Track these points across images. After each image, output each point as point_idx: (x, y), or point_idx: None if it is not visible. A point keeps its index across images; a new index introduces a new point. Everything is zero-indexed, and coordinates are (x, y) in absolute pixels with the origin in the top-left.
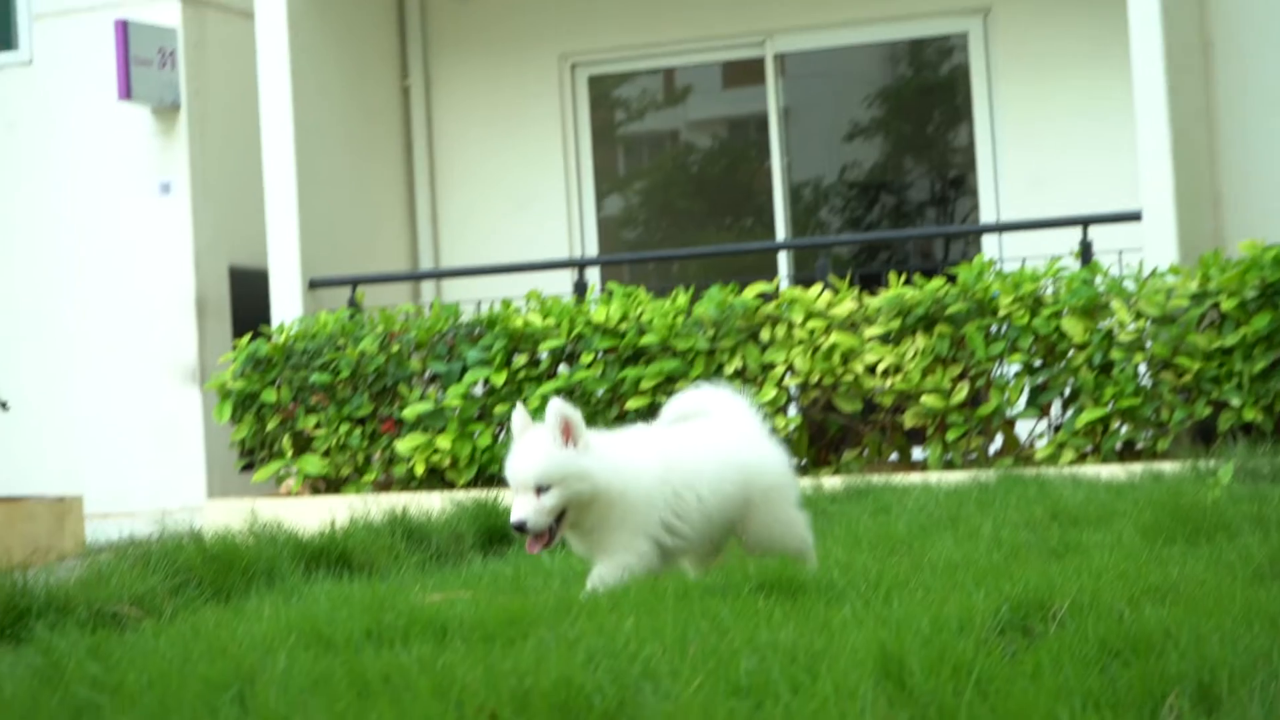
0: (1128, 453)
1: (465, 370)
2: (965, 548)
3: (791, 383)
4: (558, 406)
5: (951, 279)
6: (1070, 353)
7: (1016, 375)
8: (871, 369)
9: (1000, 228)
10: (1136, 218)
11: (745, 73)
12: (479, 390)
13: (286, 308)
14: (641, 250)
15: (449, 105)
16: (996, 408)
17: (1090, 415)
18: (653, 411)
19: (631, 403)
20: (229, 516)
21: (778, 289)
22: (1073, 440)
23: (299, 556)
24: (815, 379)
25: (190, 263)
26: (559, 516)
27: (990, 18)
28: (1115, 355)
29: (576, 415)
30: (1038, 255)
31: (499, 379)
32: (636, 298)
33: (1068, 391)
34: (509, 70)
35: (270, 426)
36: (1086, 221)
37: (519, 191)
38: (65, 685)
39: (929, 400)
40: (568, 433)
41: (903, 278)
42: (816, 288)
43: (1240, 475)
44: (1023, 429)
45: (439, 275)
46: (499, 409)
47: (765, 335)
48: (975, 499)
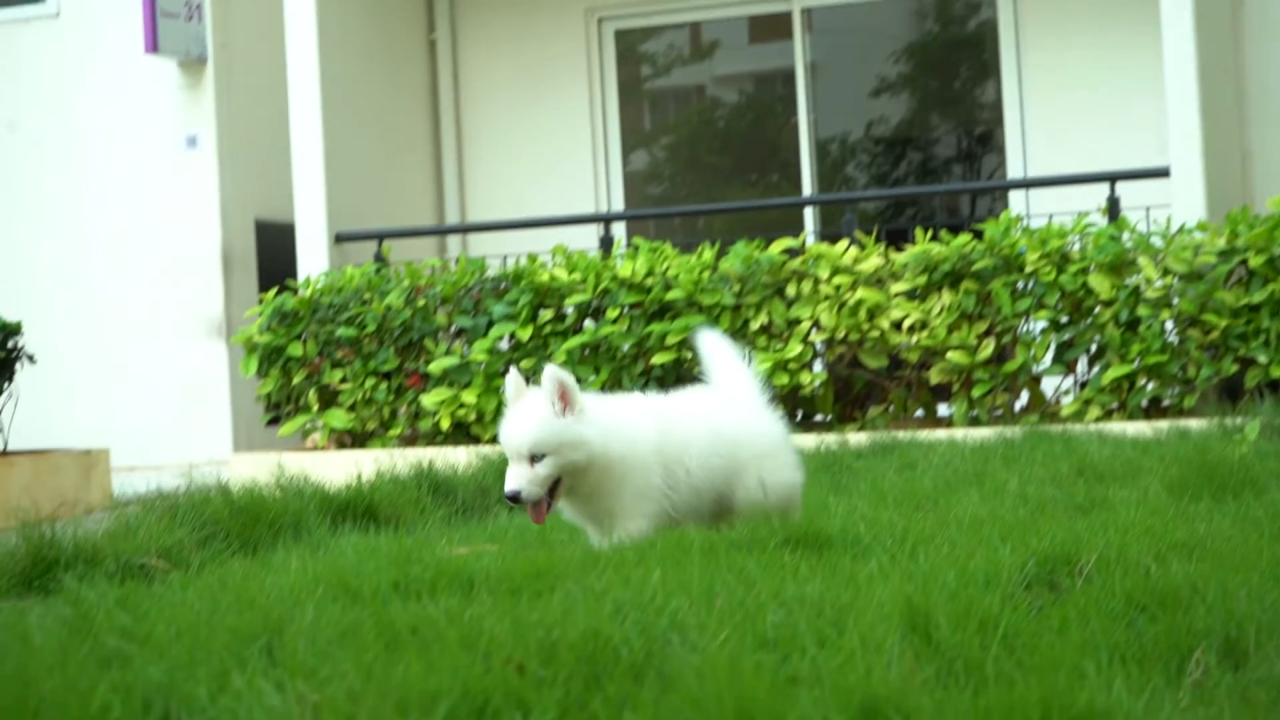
0: (1154, 409)
1: (491, 325)
2: (991, 504)
3: (817, 338)
4: (553, 373)
5: (978, 235)
6: (1097, 309)
7: (1043, 332)
8: (897, 325)
9: (1027, 184)
10: (1164, 174)
11: (772, 28)
12: (505, 345)
13: (312, 262)
14: (667, 206)
15: (475, 59)
16: (1022, 364)
17: (1116, 372)
18: (678, 367)
19: (657, 358)
20: (255, 470)
21: (804, 245)
22: (1099, 397)
23: (325, 510)
24: (841, 335)
25: (216, 217)
26: (554, 485)
27: None
28: (1142, 312)
29: (572, 381)
30: (1065, 211)
31: (525, 334)
32: (662, 253)
33: (1094, 348)
34: (535, 24)
35: (296, 380)
36: (1114, 178)
37: (545, 146)
38: (94, 636)
39: (955, 356)
40: (564, 399)
41: (929, 234)
42: (843, 243)
43: (1267, 432)
44: (1049, 385)
45: (465, 230)
46: (525, 364)
47: (791, 291)
48: (1001, 455)
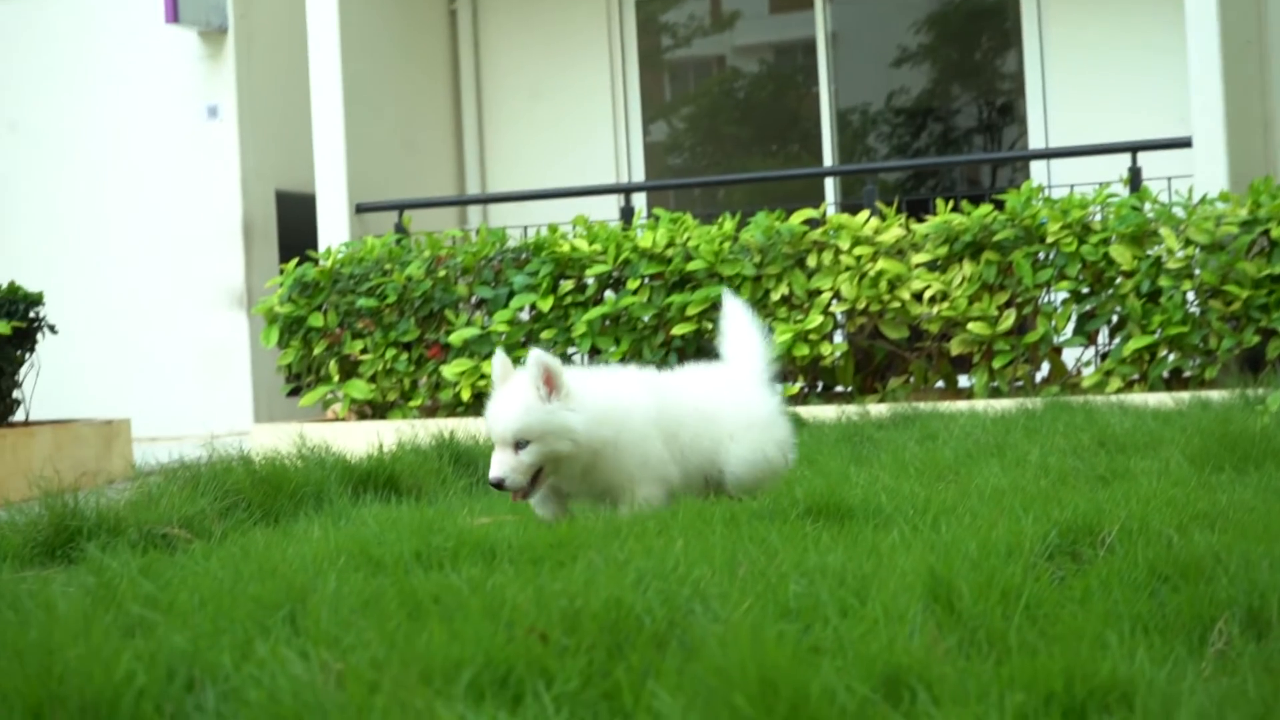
0: (1175, 381)
1: (512, 295)
2: (1012, 474)
3: (838, 309)
4: (537, 357)
5: (999, 206)
6: (1118, 280)
7: (1064, 302)
8: (918, 296)
9: (1049, 154)
10: (1186, 144)
11: None
12: (525, 316)
13: (333, 232)
14: (687, 176)
15: (496, 29)
16: (1043, 335)
17: (1138, 343)
18: (699, 338)
19: (678, 329)
20: (276, 441)
21: (824, 215)
22: (1120, 368)
23: (347, 480)
24: (862, 306)
25: (237, 187)
26: (537, 472)
27: None
28: (1163, 283)
29: (558, 365)
30: (1086, 182)
31: (545, 304)
32: (683, 223)
33: (1115, 319)
34: None
35: (317, 351)
36: (1136, 148)
37: (565, 116)
38: (118, 604)
39: (975, 327)
40: (549, 384)
41: (950, 204)
42: (864, 214)
43: None
44: (1070, 357)
45: (486, 200)
46: (546, 334)
47: (812, 262)
48: (1022, 426)
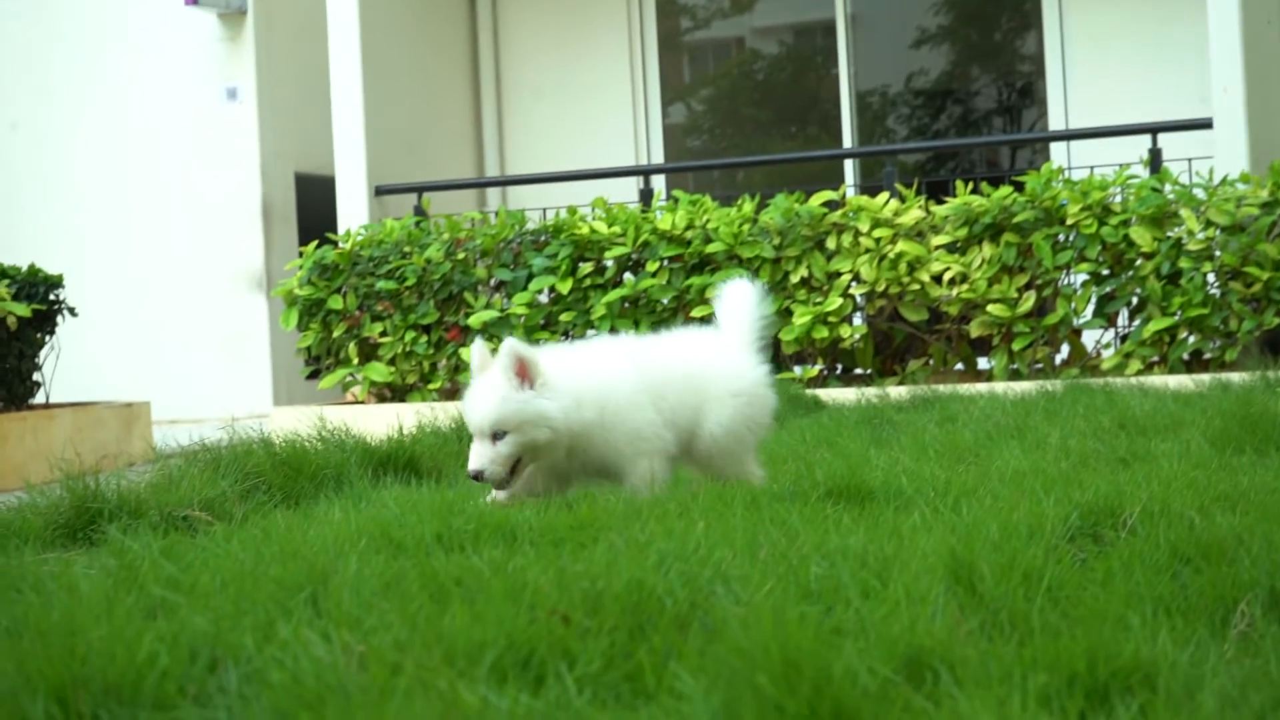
0: (1195, 363)
1: (531, 278)
2: (1033, 456)
3: (857, 291)
4: (509, 347)
5: (1019, 187)
6: (1138, 262)
7: (1084, 284)
8: (938, 278)
9: (1069, 135)
10: (1207, 125)
11: None
12: (544, 298)
13: (353, 214)
14: (706, 159)
15: (515, 12)
16: (1063, 317)
17: (1158, 325)
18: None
19: (697, 311)
20: (296, 423)
21: (844, 197)
22: (1140, 350)
23: (367, 462)
24: (881, 288)
25: (256, 169)
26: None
27: None
28: (1184, 264)
29: (532, 353)
30: (1106, 164)
31: (565, 287)
32: (702, 205)
33: (1135, 301)
34: None
35: (336, 334)
36: (1156, 129)
37: (584, 99)
38: (139, 586)
39: (995, 310)
40: (523, 374)
41: (969, 186)
42: (883, 196)
43: None
44: (1089, 339)
45: (505, 183)
46: (565, 317)
47: (831, 244)
48: (1042, 408)
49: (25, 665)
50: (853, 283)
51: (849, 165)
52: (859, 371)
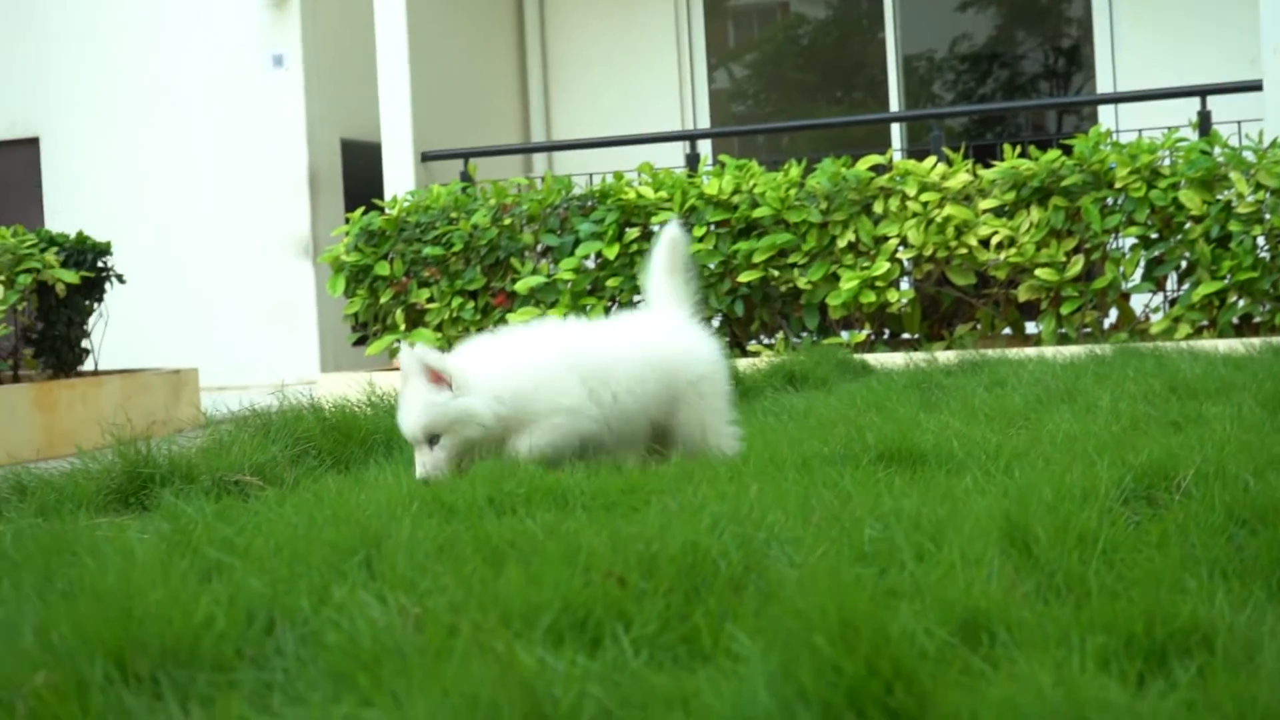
0: (1245, 326)
1: (578, 243)
2: (1084, 420)
3: (905, 256)
4: (415, 357)
5: (1067, 151)
6: (1187, 225)
7: (1132, 248)
8: (985, 242)
9: (1117, 98)
10: (1257, 87)
11: None
12: (591, 263)
13: (399, 181)
14: (751, 123)
15: None
16: (1111, 281)
17: (1207, 288)
18: (765, 284)
19: (743, 276)
20: (344, 389)
21: (891, 161)
22: (1189, 314)
23: None
24: (929, 252)
25: (303, 136)
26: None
27: None
28: (1233, 227)
29: (437, 358)
30: (1155, 127)
31: (611, 252)
32: (749, 170)
33: (1184, 265)
34: None
35: (383, 300)
36: (1205, 92)
37: (630, 64)
38: (194, 550)
39: (1043, 274)
40: (436, 379)
41: (1017, 150)
42: (930, 160)
43: None
44: (1138, 303)
45: (551, 148)
46: (611, 282)
47: (878, 208)
48: (1091, 372)
49: (83, 627)
50: (900, 247)
51: (895, 129)
52: (906, 336)
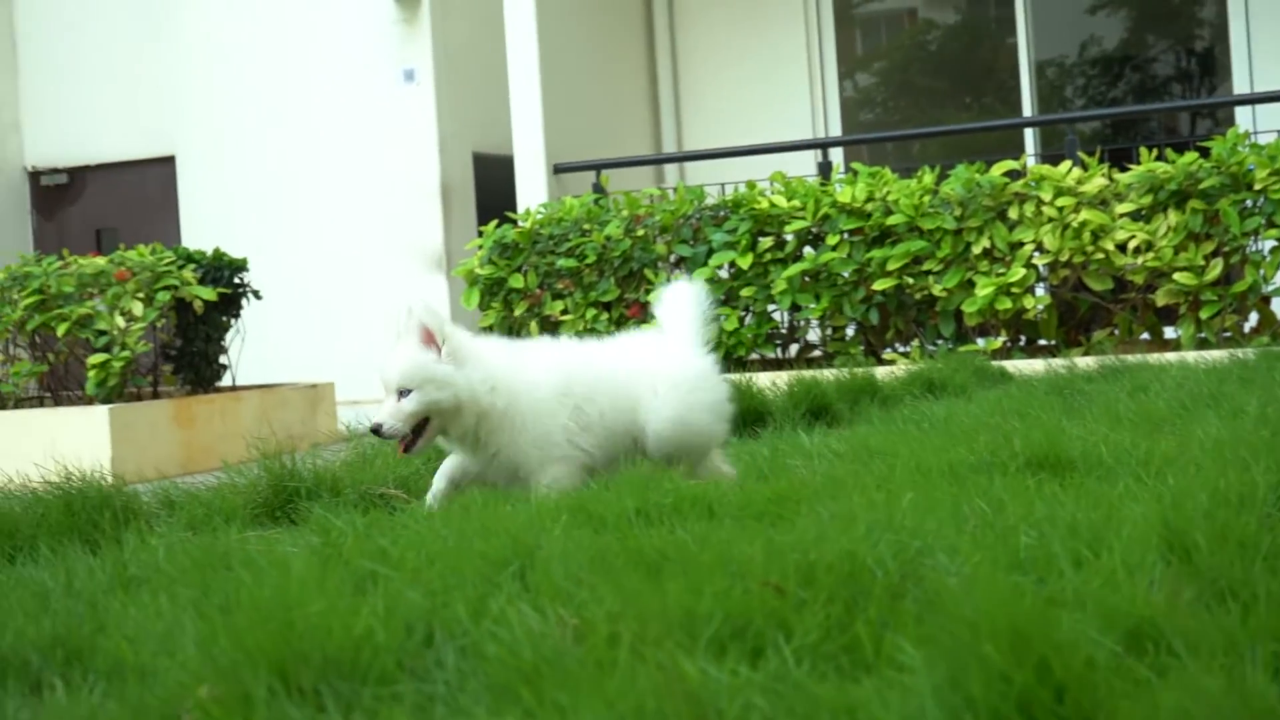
0: None
1: (711, 253)
2: (1231, 425)
3: (1040, 262)
4: (415, 311)
5: (1204, 153)
6: None
7: (1272, 251)
8: (1122, 246)
9: (1255, 99)
10: None
11: None
12: (725, 273)
13: (531, 193)
14: (880, 131)
15: None
16: (1252, 284)
17: None
18: (900, 292)
19: (878, 284)
20: None
21: (1025, 167)
22: None
23: None
24: (1065, 258)
25: (435, 150)
26: (424, 425)
27: None
28: None
29: (439, 321)
30: None
31: (745, 262)
32: (882, 178)
33: None
34: None
35: (518, 312)
36: None
37: (760, 73)
38: (345, 562)
39: (1181, 278)
40: (430, 341)
41: (1154, 153)
42: (1065, 165)
43: None
44: (1279, 306)
45: (682, 158)
46: (745, 292)
47: (1013, 214)
48: (1236, 377)
49: (243, 640)
50: (1035, 253)
51: (1028, 134)
52: (1042, 342)
